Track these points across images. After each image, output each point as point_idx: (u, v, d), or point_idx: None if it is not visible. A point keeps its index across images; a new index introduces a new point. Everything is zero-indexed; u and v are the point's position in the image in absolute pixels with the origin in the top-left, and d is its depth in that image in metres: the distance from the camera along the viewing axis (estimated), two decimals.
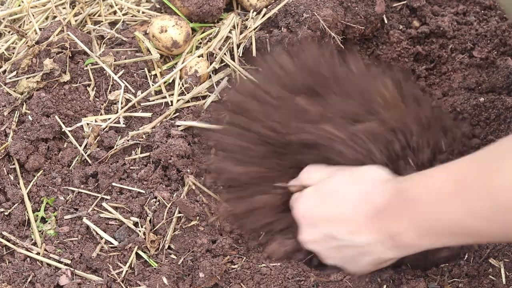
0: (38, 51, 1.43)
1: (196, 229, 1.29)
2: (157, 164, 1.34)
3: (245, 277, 1.22)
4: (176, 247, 1.26)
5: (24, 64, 1.43)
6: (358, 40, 1.55)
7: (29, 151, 1.34)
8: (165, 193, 1.29)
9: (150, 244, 1.25)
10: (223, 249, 1.25)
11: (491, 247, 1.22)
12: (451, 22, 1.57)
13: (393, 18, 1.60)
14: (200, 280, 1.21)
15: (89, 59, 1.46)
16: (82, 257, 1.24)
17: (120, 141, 1.37)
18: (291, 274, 1.23)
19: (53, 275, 1.20)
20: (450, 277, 1.20)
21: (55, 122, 1.36)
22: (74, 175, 1.34)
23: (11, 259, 1.23)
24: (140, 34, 1.48)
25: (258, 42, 1.46)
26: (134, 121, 1.42)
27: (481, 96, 1.50)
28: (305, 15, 1.41)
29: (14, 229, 1.27)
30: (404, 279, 1.22)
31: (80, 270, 1.23)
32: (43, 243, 1.25)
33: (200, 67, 1.45)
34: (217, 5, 1.52)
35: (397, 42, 1.56)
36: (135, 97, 1.43)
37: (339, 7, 1.46)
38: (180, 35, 1.47)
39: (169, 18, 1.47)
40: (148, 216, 1.28)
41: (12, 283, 1.20)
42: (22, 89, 1.40)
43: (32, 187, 1.32)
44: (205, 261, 1.21)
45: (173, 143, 1.32)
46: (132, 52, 1.49)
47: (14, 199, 1.29)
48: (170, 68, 1.48)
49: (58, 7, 1.56)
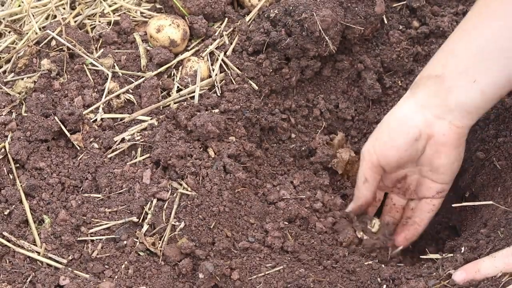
0: (36, 51, 1.43)
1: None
2: (157, 164, 1.34)
3: (244, 278, 1.23)
4: (176, 247, 1.26)
5: (21, 63, 1.43)
6: (358, 41, 1.55)
7: (29, 151, 1.34)
8: (164, 194, 1.30)
9: (150, 244, 1.25)
10: (223, 251, 1.25)
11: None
12: (451, 22, 1.57)
13: (393, 18, 1.60)
14: (199, 281, 1.21)
15: (88, 60, 1.46)
16: (82, 257, 1.25)
17: (120, 141, 1.37)
18: (291, 276, 1.23)
19: (53, 275, 1.20)
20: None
21: (54, 122, 1.36)
22: (74, 175, 1.34)
23: (11, 259, 1.23)
24: (138, 38, 1.49)
25: (255, 44, 1.47)
26: (134, 121, 1.42)
27: None
28: (304, 15, 1.42)
29: (14, 229, 1.27)
30: (404, 279, 1.22)
31: (80, 270, 1.23)
32: (43, 243, 1.25)
33: (200, 67, 1.45)
34: (219, 7, 1.52)
35: (397, 42, 1.56)
36: (134, 98, 1.43)
37: (338, 8, 1.46)
38: (177, 33, 1.47)
39: (165, 18, 1.48)
40: (148, 217, 1.28)
41: (12, 283, 1.20)
42: (20, 89, 1.40)
43: (32, 187, 1.32)
44: (205, 262, 1.21)
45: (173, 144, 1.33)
46: (131, 53, 1.49)
47: (12, 199, 1.29)
48: (170, 67, 1.49)
49: (58, 8, 1.56)
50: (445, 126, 1.27)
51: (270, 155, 1.52)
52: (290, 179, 1.45)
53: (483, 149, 1.46)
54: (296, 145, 1.55)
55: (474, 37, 1.22)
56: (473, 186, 1.48)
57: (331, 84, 1.59)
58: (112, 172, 1.33)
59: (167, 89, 1.46)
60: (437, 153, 1.31)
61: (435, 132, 1.29)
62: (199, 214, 1.27)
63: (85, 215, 1.29)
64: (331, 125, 1.61)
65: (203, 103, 1.42)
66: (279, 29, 1.46)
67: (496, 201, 1.34)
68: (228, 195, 1.30)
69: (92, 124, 1.39)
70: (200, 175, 1.31)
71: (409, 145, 1.31)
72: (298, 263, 1.29)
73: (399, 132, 1.32)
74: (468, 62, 1.23)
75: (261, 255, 1.28)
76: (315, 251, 1.33)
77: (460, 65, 1.24)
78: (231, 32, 1.52)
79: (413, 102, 1.31)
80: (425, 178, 1.37)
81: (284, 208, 1.36)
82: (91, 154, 1.36)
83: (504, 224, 1.26)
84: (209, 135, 1.35)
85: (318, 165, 1.52)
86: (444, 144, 1.29)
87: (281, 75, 1.51)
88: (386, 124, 1.36)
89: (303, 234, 1.35)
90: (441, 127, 1.28)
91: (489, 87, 1.21)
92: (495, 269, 1.14)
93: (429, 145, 1.31)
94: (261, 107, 1.49)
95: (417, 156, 1.33)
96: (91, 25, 1.54)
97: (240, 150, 1.38)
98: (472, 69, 1.22)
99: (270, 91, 1.52)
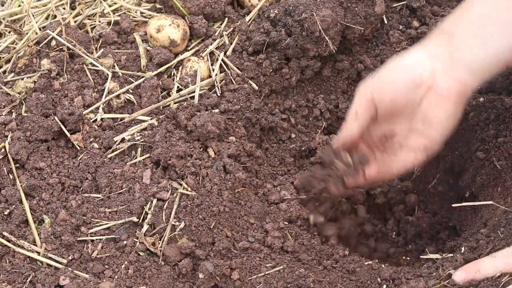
0: (36, 51, 1.43)
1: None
2: (157, 164, 1.34)
3: (244, 278, 1.23)
4: (176, 247, 1.26)
5: (21, 63, 1.43)
6: (358, 41, 1.55)
7: (29, 151, 1.34)
8: (164, 194, 1.30)
9: (150, 244, 1.25)
10: (223, 251, 1.25)
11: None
12: None
13: (393, 18, 1.60)
14: (199, 281, 1.21)
15: (88, 60, 1.46)
16: (82, 257, 1.25)
17: (120, 141, 1.37)
18: (291, 276, 1.23)
19: (53, 275, 1.20)
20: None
21: (54, 122, 1.36)
22: (74, 175, 1.34)
23: (11, 259, 1.23)
24: (138, 38, 1.49)
25: (255, 44, 1.47)
26: (134, 121, 1.42)
27: (481, 96, 1.50)
28: (304, 15, 1.42)
29: (14, 229, 1.27)
30: (404, 279, 1.22)
31: (80, 270, 1.23)
32: (43, 243, 1.25)
33: (200, 67, 1.45)
34: (219, 7, 1.52)
35: (397, 42, 1.56)
36: (134, 98, 1.43)
37: (338, 8, 1.46)
38: (177, 33, 1.47)
39: (165, 18, 1.48)
40: (148, 217, 1.28)
41: (12, 283, 1.20)
42: (20, 89, 1.40)
43: (32, 187, 1.32)
44: (205, 262, 1.21)
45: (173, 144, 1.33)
46: (131, 53, 1.49)
47: (12, 199, 1.29)
48: (170, 67, 1.49)
49: (58, 8, 1.56)
50: (450, 80, 1.25)
51: (270, 155, 1.52)
52: (291, 179, 1.45)
53: (483, 149, 1.46)
54: (296, 145, 1.55)
55: (487, 2, 1.23)
56: (473, 186, 1.48)
57: (331, 84, 1.59)
58: (112, 172, 1.33)
59: (167, 89, 1.46)
60: (435, 106, 1.28)
61: (438, 85, 1.26)
62: (199, 214, 1.27)
63: (85, 215, 1.29)
64: (331, 125, 1.61)
65: (203, 103, 1.42)
66: (279, 29, 1.46)
67: (496, 201, 1.34)
68: (228, 195, 1.30)
69: (92, 124, 1.39)
70: (200, 175, 1.31)
71: (408, 89, 1.27)
72: (298, 263, 1.29)
73: (402, 75, 1.28)
74: (479, 24, 1.23)
75: (261, 255, 1.28)
76: (315, 251, 1.33)
77: (470, 27, 1.23)
78: (231, 32, 1.52)
79: (422, 51, 1.28)
80: (414, 133, 1.32)
81: (286, 210, 1.36)
82: (91, 154, 1.36)
83: (504, 224, 1.26)
84: (209, 135, 1.35)
85: (318, 165, 1.52)
86: (445, 98, 1.26)
87: (281, 75, 1.51)
88: (391, 66, 1.31)
89: (303, 234, 1.35)
90: (446, 80, 1.26)
91: (498, 50, 1.22)
92: (495, 269, 1.14)
93: (428, 97, 1.27)
94: (261, 107, 1.49)
95: (412, 107, 1.29)
96: (91, 25, 1.54)
97: (240, 150, 1.38)
98: (482, 31, 1.22)
99: (270, 91, 1.52)
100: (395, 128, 1.33)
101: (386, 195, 1.58)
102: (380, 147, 1.37)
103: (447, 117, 1.27)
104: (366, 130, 1.33)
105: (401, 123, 1.32)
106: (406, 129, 1.31)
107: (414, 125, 1.30)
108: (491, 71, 1.25)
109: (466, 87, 1.25)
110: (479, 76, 1.25)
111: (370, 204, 1.60)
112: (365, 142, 1.37)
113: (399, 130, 1.33)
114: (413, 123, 1.30)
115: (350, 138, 1.34)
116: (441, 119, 1.27)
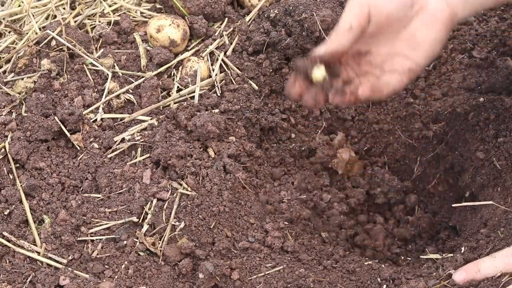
0: (36, 51, 1.43)
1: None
2: (157, 164, 1.34)
3: (244, 278, 1.23)
4: (176, 247, 1.26)
5: (21, 63, 1.43)
6: None
7: (29, 151, 1.34)
8: (164, 194, 1.30)
9: (150, 244, 1.25)
10: (223, 251, 1.25)
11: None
12: None
13: None
14: (199, 281, 1.21)
15: (88, 60, 1.46)
16: (82, 257, 1.25)
17: (120, 141, 1.37)
18: (291, 276, 1.23)
19: (53, 275, 1.20)
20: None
21: (54, 122, 1.36)
22: (74, 175, 1.34)
23: (11, 259, 1.24)
24: (138, 38, 1.49)
25: (255, 44, 1.47)
26: (134, 121, 1.42)
27: (481, 96, 1.50)
28: (304, 15, 1.42)
29: (14, 229, 1.27)
30: (404, 279, 1.22)
31: (80, 270, 1.23)
32: (43, 243, 1.25)
33: (200, 67, 1.45)
34: (219, 7, 1.52)
35: None
36: (134, 98, 1.43)
37: (338, 8, 1.46)
38: (177, 33, 1.47)
39: (165, 18, 1.48)
40: (148, 217, 1.28)
41: (12, 283, 1.20)
42: (20, 89, 1.41)
43: (32, 187, 1.32)
44: (205, 262, 1.21)
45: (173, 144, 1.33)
46: (131, 53, 1.49)
47: (12, 199, 1.29)
48: (170, 67, 1.49)
49: (58, 8, 1.56)
50: (443, 3, 1.25)
51: (270, 155, 1.52)
52: (291, 180, 1.45)
53: (483, 149, 1.46)
54: (296, 145, 1.55)
55: None
56: (473, 186, 1.48)
57: None
58: (112, 172, 1.33)
59: (167, 89, 1.46)
60: (426, 27, 1.26)
61: (431, 6, 1.26)
62: (199, 214, 1.27)
63: (85, 215, 1.29)
64: (331, 125, 1.61)
65: (203, 103, 1.42)
66: (279, 29, 1.46)
67: (496, 201, 1.34)
68: (228, 195, 1.30)
69: (92, 124, 1.39)
70: (200, 175, 1.31)
71: (404, 6, 1.26)
72: (298, 263, 1.29)
73: None
74: None
75: (261, 255, 1.28)
76: (315, 251, 1.33)
77: None
78: (231, 32, 1.52)
79: None
80: (397, 56, 1.29)
81: (286, 210, 1.36)
82: (91, 154, 1.36)
83: (504, 224, 1.26)
84: (209, 135, 1.35)
85: (318, 165, 1.52)
86: (437, 20, 1.26)
87: (281, 75, 1.51)
88: None
89: (303, 234, 1.35)
90: (439, 3, 1.26)
91: None
92: (495, 269, 1.14)
93: (418, 17, 1.26)
94: (261, 107, 1.49)
95: (399, 26, 1.27)
96: (91, 25, 1.54)
97: (240, 150, 1.38)
98: None
99: (270, 91, 1.52)
100: (371, 48, 1.29)
101: (386, 195, 1.58)
102: (353, 64, 1.32)
103: (435, 39, 1.26)
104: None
105: (381, 44, 1.29)
106: (385, 51, 1.29)
107: (398, 47, 1.28)
108: (482, 3, 1.26)
109: (456, 14, 1.25)
110: (470, 6, 1.26)
111: (370, 204, 1.60)
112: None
113: (376, 50, 1.30)
114: (396, 46, 1.28)
115: (341, 49, 1.26)
116: (429, 41, 1.26)
